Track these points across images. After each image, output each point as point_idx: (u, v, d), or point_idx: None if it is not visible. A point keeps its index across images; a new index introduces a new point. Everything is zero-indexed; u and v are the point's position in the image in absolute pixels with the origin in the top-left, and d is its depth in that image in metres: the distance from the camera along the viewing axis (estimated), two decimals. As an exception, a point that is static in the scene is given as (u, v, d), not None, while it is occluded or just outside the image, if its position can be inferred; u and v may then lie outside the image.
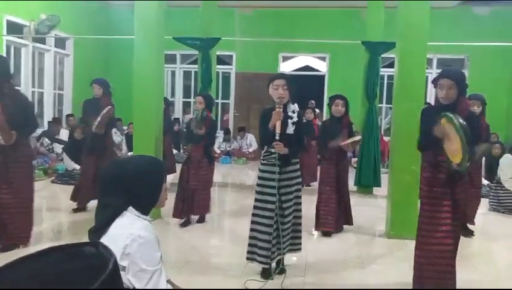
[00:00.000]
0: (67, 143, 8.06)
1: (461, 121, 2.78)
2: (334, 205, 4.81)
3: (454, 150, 2.86)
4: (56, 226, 5.04)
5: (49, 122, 9.20)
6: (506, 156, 6.25)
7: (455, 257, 3.16)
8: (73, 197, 5.56)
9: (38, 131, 8.42)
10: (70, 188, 6.80)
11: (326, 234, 4.80)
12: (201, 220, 5.14)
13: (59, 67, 10.13)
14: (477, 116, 4.14)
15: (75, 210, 5.45)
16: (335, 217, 4.81)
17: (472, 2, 10.35)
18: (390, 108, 8.34)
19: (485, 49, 9.66)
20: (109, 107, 5.31)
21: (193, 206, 5.01)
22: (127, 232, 1.75)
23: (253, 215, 3.54)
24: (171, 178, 7.32)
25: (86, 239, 1.82)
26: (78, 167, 7.39)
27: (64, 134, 8.97)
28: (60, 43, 10.02)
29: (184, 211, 5.01)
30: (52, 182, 7.29)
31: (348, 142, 4.74)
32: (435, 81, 3.13)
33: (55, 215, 5.42)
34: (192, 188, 4.97)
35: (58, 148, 8.62)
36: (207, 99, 5.10)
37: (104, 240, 1.77)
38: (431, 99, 9.29)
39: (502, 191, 6.13)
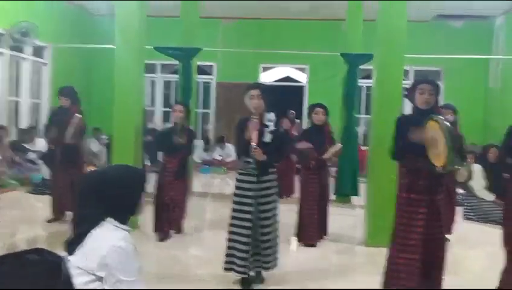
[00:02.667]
0: (45, 152, 7.90)
1: (447, 123, 2.86)
2: (316, 217, 4.81)
3: (438, 153, 2.88)
4: (31, 237, 4.92)
5: (20, 130, 9.03)
6: (476, 166, 6.37)
7: (437, 268, 3.20)
8: (54, 211, 5.49)
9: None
10: (46, 199, 6.71)
11: (310, 245, 4.77)
12: (178, 231, 5.05)
13: (36, 76, 9.97)
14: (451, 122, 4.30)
15: (50, 221, 5.39)
16: (317, 229, 4.82)
17: (447, 15, 10.62)
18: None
19: (459, 61, 9.91)
20: (79, 117, 5.24)
21: (171, 219, 4.90)
22: (105, 243, 1.73)
23: (231, 225, 3.53)
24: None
25: (62, 251, 1.80)
26: (55, 176, 7.29)
27: (39, 143, 8.79)
28: (38, 51, 9.87)
29: (163, 225, 4.87)
30: (28, 192, 7.14)
31: (329, 154, 4.82)
32: (413, 87, 3.21)
33: (30, 227, 5.30)
34: (168, 201, 4.82)
35: (32, 155, 8.45)
36: (187, 108, 5.00)
37: (81, 250, 1.75)
38: (407, 111, 9.45)
39: (475, 201, 6.24)
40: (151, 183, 6.94)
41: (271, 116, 3.51)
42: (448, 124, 2.88)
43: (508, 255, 3.30)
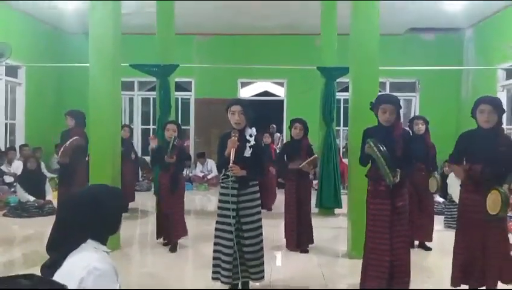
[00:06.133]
0: (21, 174, 7.73)
1: (380, 147, 3.27)
2: (296, 227, 5.10)
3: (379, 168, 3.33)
4: (8, 262, 4.79)
5: None
6: (452, 174, 6.48)
7: (403, 270, 3.43)
8: None
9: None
10: (23, 221, 6.56)
11: (302, 251, 5.06)
12: (173, 249, 5.07)
13: (10, 96, 9.80)
14: (410, 134, 4.48)
15: None
16: (300, 236, 5.11)
17: (419, 28, 10.90)
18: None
19: (433, 73, 10.16)
20: (75, 137, 5.23)
21: (171, 232, 5.11)
22: (83, 265, 1.70)
23: (216, 237, 3.64)
24: (131, 205, 7.26)
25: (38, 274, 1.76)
26: (32, 198, 7.12)
27: (17, 165, 8.60)
28: (12, 71, 9.72)
29: (166, 236, 5.22)
30: (4, 215, 6.96)
31: (305, 164, 5.02)
32: (376, 105, 3.48)
33: (6, 251, 5.16)
34: (166, 214, 5.09)
35: (8, 178, 8.27)
36: (179, 127, 5.29)
37: (59, 273, 1.71)
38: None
39: (455, 209, 6.33)
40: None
41: (252, 131, 3.61)
42: (380, 147, 3.26)
43: None
